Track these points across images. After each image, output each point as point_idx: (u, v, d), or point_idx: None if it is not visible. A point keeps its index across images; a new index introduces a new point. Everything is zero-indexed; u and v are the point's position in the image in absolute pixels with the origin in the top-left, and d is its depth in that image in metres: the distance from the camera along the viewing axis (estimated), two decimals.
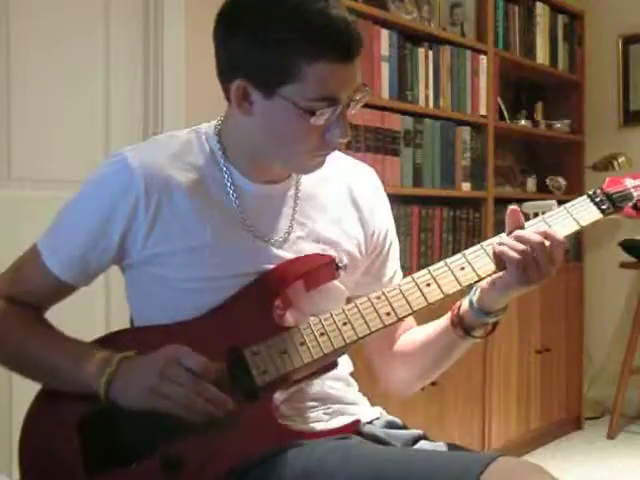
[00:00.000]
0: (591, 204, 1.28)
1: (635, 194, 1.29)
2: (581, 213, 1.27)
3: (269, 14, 1.13)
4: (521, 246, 1.20)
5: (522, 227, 1.25)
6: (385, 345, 1.41)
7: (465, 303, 1.30)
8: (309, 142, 1.19)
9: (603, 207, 1.27)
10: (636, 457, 3.48)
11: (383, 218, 1.40)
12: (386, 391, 1.43)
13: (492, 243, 1.24)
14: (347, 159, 1.42)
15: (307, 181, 1.33)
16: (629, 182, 1.30)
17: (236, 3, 1.19)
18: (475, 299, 1.28)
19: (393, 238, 1.43)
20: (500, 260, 1.22)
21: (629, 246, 3.77)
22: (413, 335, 1.40)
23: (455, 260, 1.24)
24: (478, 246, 1.26)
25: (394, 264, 1.43)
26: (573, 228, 1.26)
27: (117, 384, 1.17)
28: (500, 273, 1.24)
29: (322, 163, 1.26)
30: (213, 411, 1.14)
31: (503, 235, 1.25)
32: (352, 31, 1.15)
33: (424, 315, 1.30)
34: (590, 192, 1.29)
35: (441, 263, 1.25)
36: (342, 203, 1.35)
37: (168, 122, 2.59)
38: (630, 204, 1.28)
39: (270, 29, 1.13)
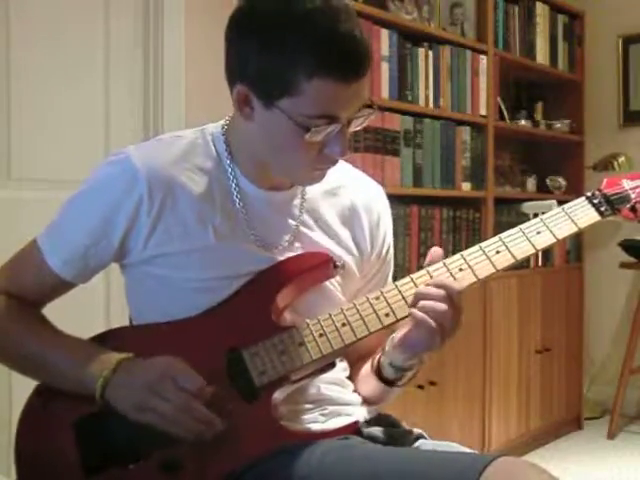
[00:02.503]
0: (589, 206, 1.27)
1: (633, 196, 1.29)
2: (579, 215, 1.26)
3: (277, 24, 1.12)
4: (442, 308, 1.16)
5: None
6: (353, 360, 1.40)
7: (382, 358, 1.29)
8: (306, 156, 1.18)
9: (601, 209, 1.27)
10: (636, 457, 3.48)
11: (384, 238, 1.39)
12: None
13: (489, 247, 1.23)
14: (355, 173, 1.41)
15: (313, 192, 1.32)
16: (627, 183, 1.30)
17: (248, 8, 1.18)
18: (386, 358, 1.27)
19: (391, 257, 1.42)
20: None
21: (629, 246, 3.77)
22: (365, 364, 1.38)
23: (454, 261, 1.24)
24: (477, 247, 1.25)
25: (388, 280, 1.42)
26: (571, 230, 1.26)
27: (112, 389, 1.17)
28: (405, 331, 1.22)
29: (322, 176, 1.25)
30: (201, 431, 1.14)
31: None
32: (358, 49, 1.12)
33: None
34: (588, 194, 1.29)
35: (440, 264, 1.24)
36: (344, 219, 1.34)
37: (168, 121, 2.59)
38: (628, 206, 1.28)
39: (275, 39, 1.11)
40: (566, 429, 3.85)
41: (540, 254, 3.62)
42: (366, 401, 1.37)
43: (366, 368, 1.36)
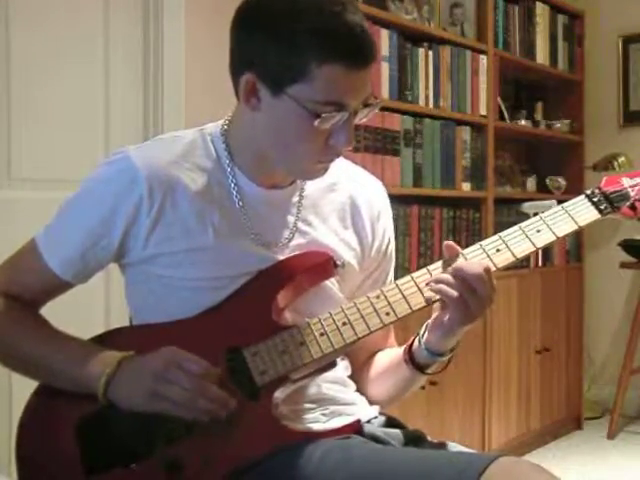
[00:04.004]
0: (589, 204, 1.28)
1: (632, 194, 1.29)
2: (579, 213, 1.27)
3: (285, 13, 1.14)
4: (457, 281, 1.19)
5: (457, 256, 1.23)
6: (364, 358, 1.41)
7: (416, 341, 1.30)
8: (312, 145, 1.19)
9: (601, 207, 1.28)
10: (636, 457, 3.48)
11: (384, 233, 1.39)
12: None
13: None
14: (355, 169, 1.41)
15: (311, 188, 1.32)
16: (626, 181, 1.30)
17: (255, 0, 1.19)
18: (423, 340, 1.28)
19: (392, 252, 1.42)
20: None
21: (629, 246, 3.77)
22: (384, 356, 1.40)
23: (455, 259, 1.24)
24: (477, 245, 1.25)
25: (390, 276, 1.42)
26: (572, 228, 1.26)
27: (116, 386, 1.17)
28: (438, 314, 1.24)
29: (325, 170, 1.25)
30: (215, 410, 1.14)
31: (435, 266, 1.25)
32: (365, 38, 1.15)
33: (423, 314, 1.29)
34: (588, 192, 1.29)
35: (440, 262, 1.24)
36: (344, 214, 1.35)
37: (168, 121, 2.59)
38: (627, 204, 1.29)
39: (284, 27, 1.13)
40: (566, 429, 3.86)
41: (540, 254, 3.62)
42: (381, 398, 1.38)
43: (394, 357, 1.36)
